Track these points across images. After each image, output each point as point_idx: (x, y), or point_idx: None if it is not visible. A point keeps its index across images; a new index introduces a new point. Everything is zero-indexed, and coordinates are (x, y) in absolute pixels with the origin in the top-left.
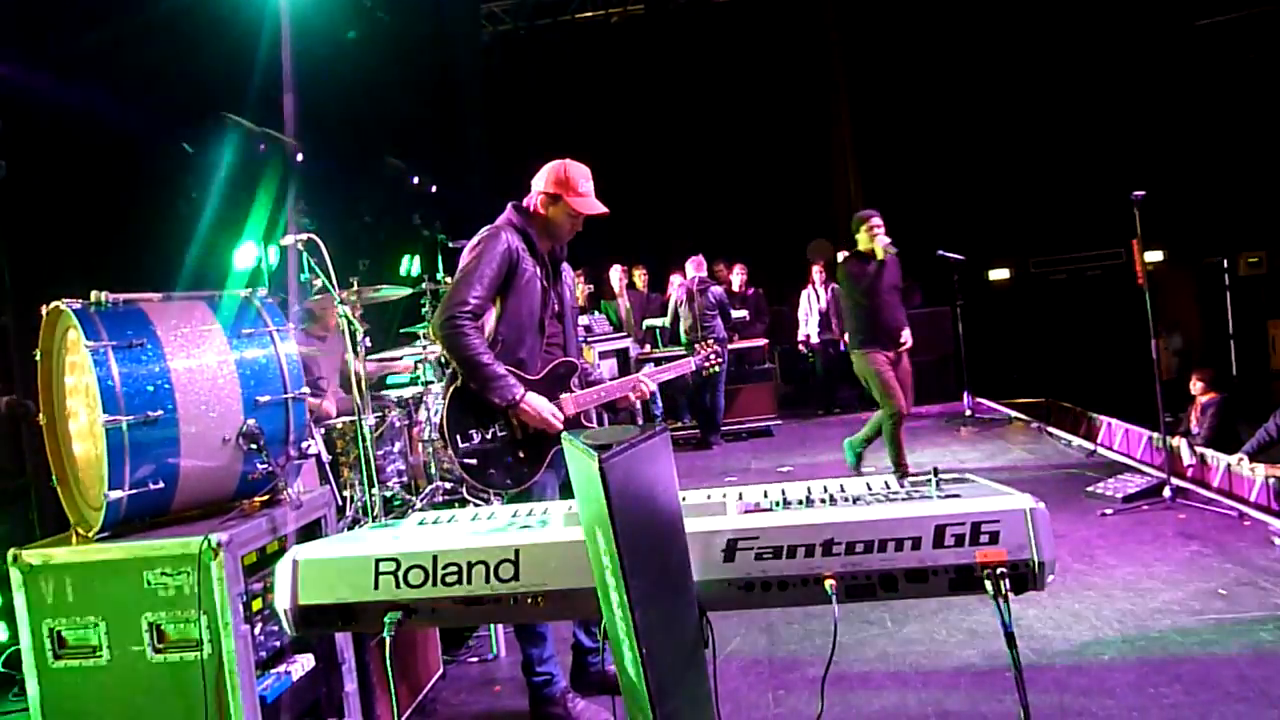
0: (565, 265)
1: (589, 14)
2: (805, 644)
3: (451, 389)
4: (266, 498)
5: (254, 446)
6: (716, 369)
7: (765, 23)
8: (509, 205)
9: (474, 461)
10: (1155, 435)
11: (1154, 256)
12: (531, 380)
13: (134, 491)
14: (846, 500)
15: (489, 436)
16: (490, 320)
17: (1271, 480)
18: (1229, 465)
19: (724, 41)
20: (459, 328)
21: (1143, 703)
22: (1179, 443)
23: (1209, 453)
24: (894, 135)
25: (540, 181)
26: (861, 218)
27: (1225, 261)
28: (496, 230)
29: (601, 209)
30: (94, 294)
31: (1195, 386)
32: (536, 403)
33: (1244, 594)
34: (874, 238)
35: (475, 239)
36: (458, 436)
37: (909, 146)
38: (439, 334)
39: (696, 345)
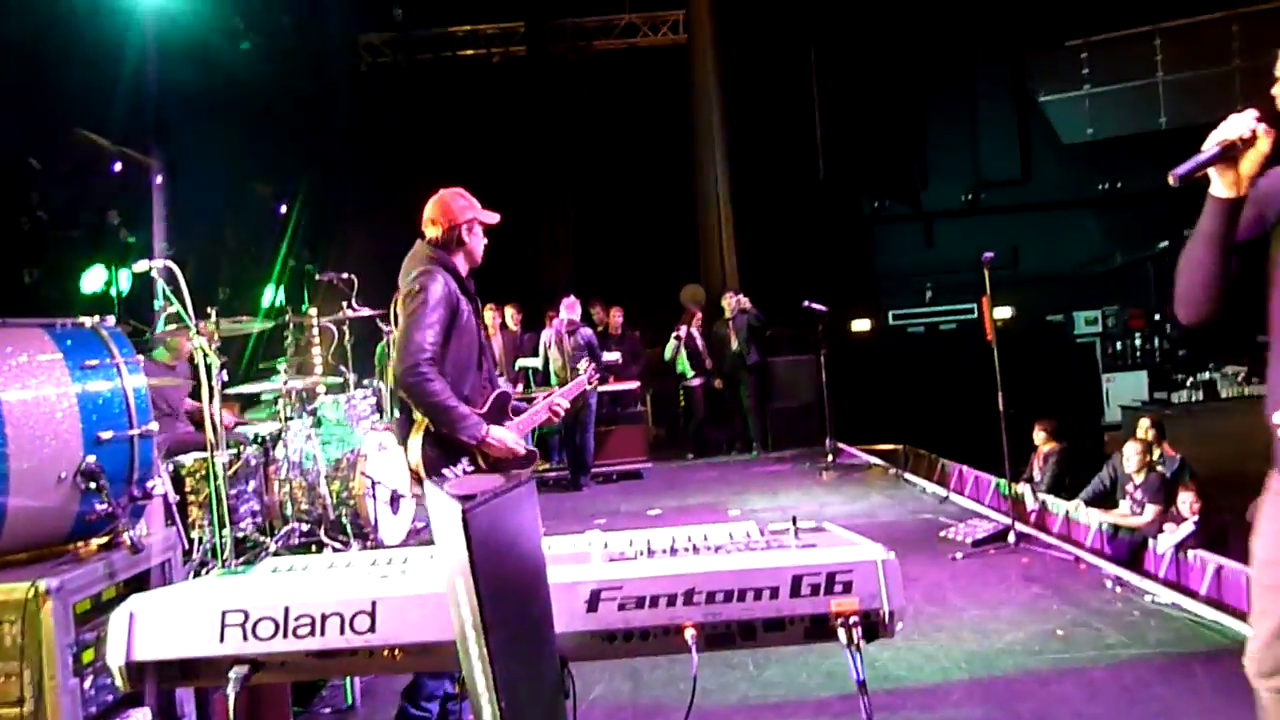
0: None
1: (470, 51)
2: (669, 689)
3: (421, 432)
4: (105, 540)
5: (93, 485)
6: (601, 385)
7: (643, 70)
8: (426, 247)
9: None
10: (1001, 482)
11: (1003, 313)
12: (482, 414)
13: None
14: (709, 549)
15: (459, 474)
16: None
17: (1104, 526)
18: (1067, 512)
19: (602, 86)
20: (423, 374)
21: None
22: (1023, 489)
23: (1050, 499)
24: (766, 185)
25: (449, 216)
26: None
27: (1065, 320)
28: (431, 271)
29: (495, 216)
30: None
31: (1038, 436)
32: (501, 435)
33: (1079, 635)
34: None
35: (411, 280)
36: (434, 478)
37: (780, 198)
38: (403, 382)
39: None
